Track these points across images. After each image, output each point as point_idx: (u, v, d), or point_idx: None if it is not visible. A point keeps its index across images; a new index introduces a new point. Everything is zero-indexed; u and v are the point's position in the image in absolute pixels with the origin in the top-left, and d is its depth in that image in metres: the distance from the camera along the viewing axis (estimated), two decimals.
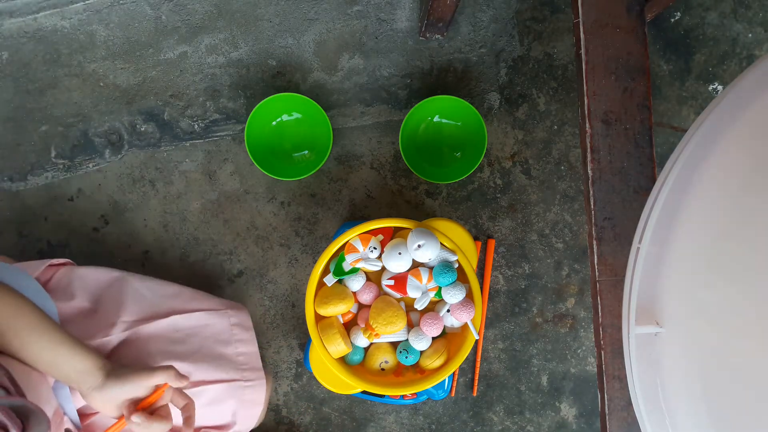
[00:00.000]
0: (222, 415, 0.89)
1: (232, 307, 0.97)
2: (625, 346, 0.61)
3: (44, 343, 0.70)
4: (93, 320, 0.84)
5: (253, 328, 0.97)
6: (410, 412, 1.14)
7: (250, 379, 0.91)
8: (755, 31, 1.15)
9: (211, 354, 0.88)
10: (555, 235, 1.14)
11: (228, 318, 0.95)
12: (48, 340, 0.71)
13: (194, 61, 1.11)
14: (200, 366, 0.86)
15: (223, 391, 0.87)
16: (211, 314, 0.93)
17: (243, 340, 0.95)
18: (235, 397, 0.89)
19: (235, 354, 0.92)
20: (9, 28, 1.10)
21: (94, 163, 1.12)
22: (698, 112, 1.11)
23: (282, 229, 1.13)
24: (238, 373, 0.90)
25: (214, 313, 0.93)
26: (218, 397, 0.87)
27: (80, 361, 0.72)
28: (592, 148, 0.75)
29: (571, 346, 1.15)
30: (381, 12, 1.12)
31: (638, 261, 0.60)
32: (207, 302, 0.95)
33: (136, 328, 0.84)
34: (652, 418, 0.61)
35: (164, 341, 0.86)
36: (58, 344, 0.71)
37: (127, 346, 0.84)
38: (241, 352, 0.93)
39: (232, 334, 0.94)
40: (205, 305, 0.94)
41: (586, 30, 0.75)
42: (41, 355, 0.70)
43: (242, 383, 0.90)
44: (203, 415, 0.86)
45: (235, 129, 1.12)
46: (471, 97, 1.13)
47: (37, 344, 0.70)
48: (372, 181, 1.13)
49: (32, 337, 0.70)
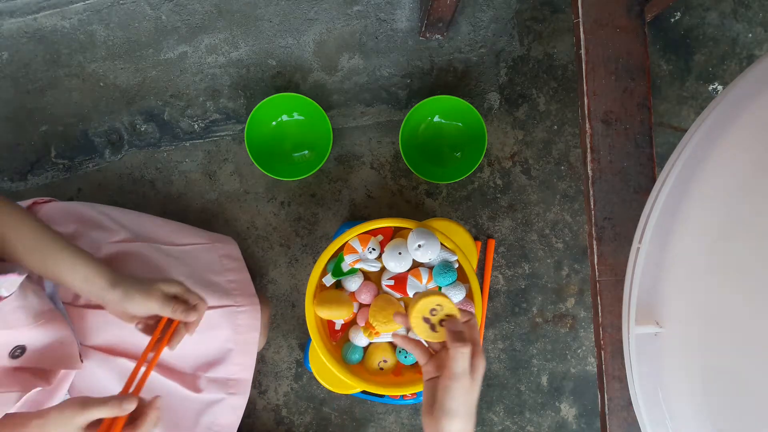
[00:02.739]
0: (217, 341, 0.89)
1: (220, 240, 0.98)
2: (625, 346, 0.61)
3: (47, 251, 0.70)
4: (78, 242, 0.83)
5: (242, 258, 0.98)
6: (410, 412, 1.14)
7: (242, 304, 0.91)
8: (755, 31, 1.15)
9: (202, 281, 0.88)
10: (555, 235, 1.14)
11: (216, 250, 0.96)
12: (51, 248, 0.70)
13: (194, 61, 1.11)
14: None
15: (217, 318, 0.88)
16: (198, 248, 0.94)
17: (233, 269, 0.96)
18: (229, 323, 0.89)
19: (225, 282, 0.93)
20: (9, 28, 1.10)
21: (94, 163, 1.11)
22: (698, 112, 1.11)
23: (282, 229, 1.13)
24: (230, 299, 0.90)
25: (201, 246, 0.95)
26: (211, 323, 0.87)
27: (82, 268, 0.71)
28: (592, 148, 0.75)
29: (571, 346, 1.15)
30: (381, 12, 1.12)
31: (638, 261, 0.60)
32: (194, 237, 0.96)
33: (123, 246, 0.84)
34: (652, 418, 0.61)
35: (153, 265, 0.86)
36: (59, 251, 0.71)
37: (116, 262, 0.84)
38: (231, 279, 0.94)
39: (222, 265, 0.95)
40: (193, 240, 0.95)
41: (586, 30, 0.75)
42: (45, 263, 0.70)
43: (235, 308, 0.90)
44: (199, 342, 0.85)
45: (235, 129, 1.12)
46: (471, 97, 1.13)
47: (40, 252, 0.70)
48: (372, 181, 1.13)
49: (36, 245, 0.70)
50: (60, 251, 0.71)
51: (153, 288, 0.73)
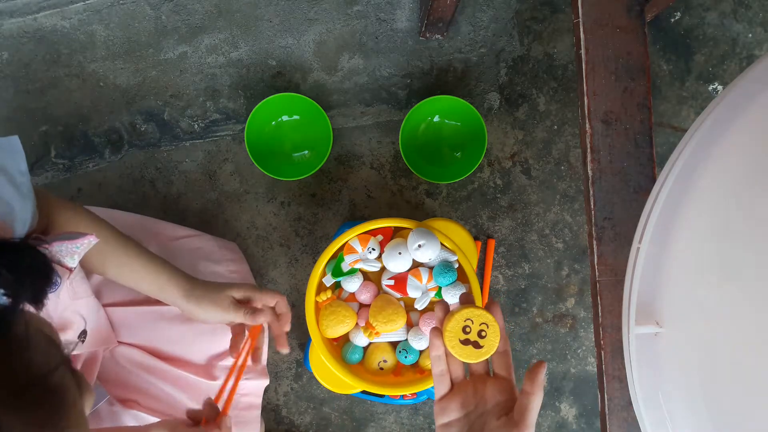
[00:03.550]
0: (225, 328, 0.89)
1: (219, 239, 1.01)
2: (625, 346, 0.61)
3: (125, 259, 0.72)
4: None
5: (242, 253, 1.01)
6: (410, 412, 1.14)
7: None
8: (755, 31, 1.15)
9: (205, 272, 0.89)
10: (555, 235, 1.14)
11: (215, 241, 0.98)
12: (128, 255, 0.72)
13: (194, 61, 1.11)
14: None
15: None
16: (196, 239, 0.95)
17: (233, 260, 0.97)
18: None
19: (227, 271, 0.93)
20: (9, 28, 1.10)
21: (94, 163, 1.11)
22: (698, 112, 1.11)
23: (282, 229, 1.13)
24: None
25: (197, 238, 0.96)
26: None
27: (158, 277, 0.72)
28: (592, 148, 0.75)
29: (571, 346, 1.15)
30: (381, 12, 1.12)
31: (638, 261, 0.60)
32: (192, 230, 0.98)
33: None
34: (652, 418, 0.61)
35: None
36: (135, 258, 0.72)
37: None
38: (233, 269, 0.94)
39: (221, 254, 0.96)
40: (191, 232, 0.96)
41: (586, 30, 0.75)
42: (121, 270, 0.71)
43: None
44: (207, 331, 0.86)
45: (235, 129, 1.12)
46: (471, 97, 1.13)
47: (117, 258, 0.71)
48: (372, 181, 1.13)
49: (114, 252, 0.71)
50: (136, 258, 0.72)
51: (222, 295, 0.74)
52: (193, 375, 0.83)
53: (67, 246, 0.57)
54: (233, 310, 0.74)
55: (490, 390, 0.53)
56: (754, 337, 0.53)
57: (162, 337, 0.83)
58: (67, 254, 0.57)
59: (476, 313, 0.55)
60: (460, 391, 0.54)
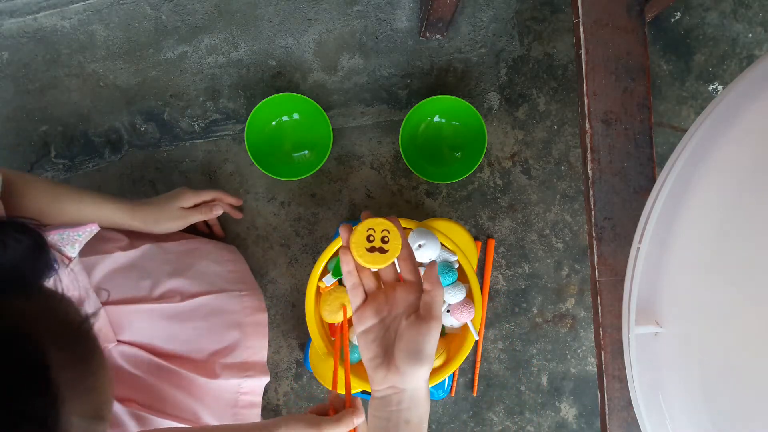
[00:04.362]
0: (226, 325, 0.90)
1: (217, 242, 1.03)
2: (625, 346, 0.61)
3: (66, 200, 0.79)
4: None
5: (242, 255, 1.04)
6: None
7: (244, 289, 0.95)
8: (755, 31, 1.15)
9: (204, 271, 0.92)
10: (555, 235, 1.14)
11: (213, 243, 1.00)
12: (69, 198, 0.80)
13: (194, 61, 1.11)
14: (194, 281, 0.89)
15: (222, 301, 0.90)
16: (194, 241, 0.98)
17: (233, 260, 1.00)
18: (235, 306, 0.92)
19: (226, 272, 0.96)
20: (9, 28, 1.10)
21: (94, 163, 1.11)
22: (698, 112, 1.11)
23: (282, 229, 1.13)
24: (231, 285, 0.94)
25: (195, 240, 0.98)
26: (217, 307, 0.89)
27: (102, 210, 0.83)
28: (592, 148, 0.75)
29: (571, 346, 1.15)
30: (381, 12, 1.12)
31: (638, 261, 0.60)
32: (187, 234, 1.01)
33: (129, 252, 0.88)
34: (652, 418, 0.61)
35: (157, 260, 0.87)
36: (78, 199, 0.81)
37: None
38: (232, 269, 0.98)
39: (220, 255, 0.98)
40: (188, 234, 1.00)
41: (586, 30, 0.75)
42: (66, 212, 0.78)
43: (238, 293, 0.94)
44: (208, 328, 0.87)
45: (235, 129, 1.12)
46: (471, 97, 1.13)
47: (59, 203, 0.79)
48: (372, 181, 1.13)
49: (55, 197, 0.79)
50: (87, 195, 0.81)
51: (168, 207, 0.87)
52: (194, 373, 0.83)
53: (69, 234, 0.59)
54: (187, 214, 0.91)
55: (400, 293, 0.57)
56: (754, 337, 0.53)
57: (161, 335, 0.83)
58: (68, 242, 0.59)
59: (376, 222, 0.59)
60: (374, 300, 0.58)
